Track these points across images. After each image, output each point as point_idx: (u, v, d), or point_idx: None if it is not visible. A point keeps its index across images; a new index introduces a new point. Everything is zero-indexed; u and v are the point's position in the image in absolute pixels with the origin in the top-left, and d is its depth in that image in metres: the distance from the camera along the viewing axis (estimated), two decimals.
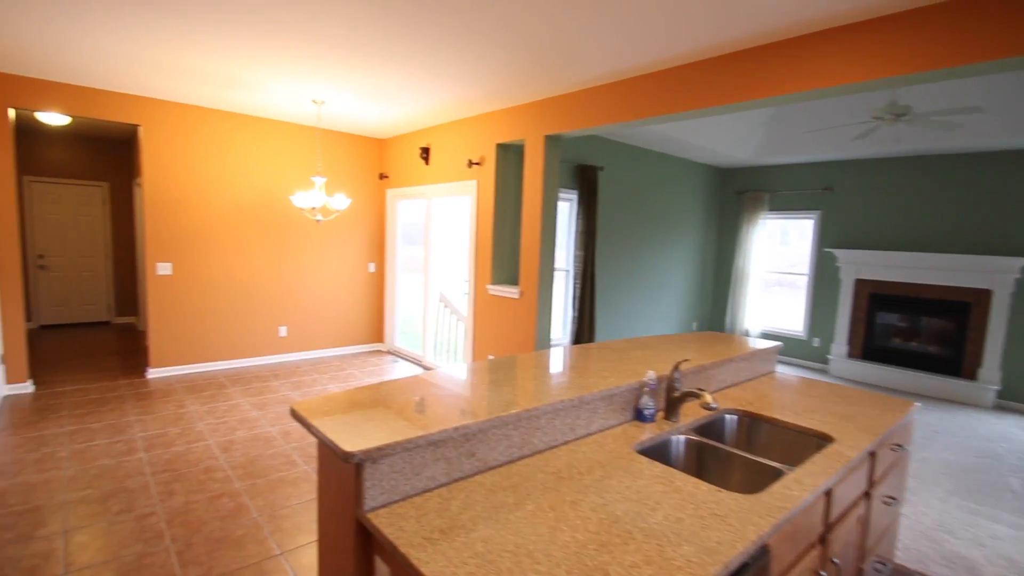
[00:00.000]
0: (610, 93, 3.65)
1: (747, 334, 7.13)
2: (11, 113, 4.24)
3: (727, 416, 2.15)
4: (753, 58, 2.93)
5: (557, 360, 2.22)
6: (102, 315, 7.57)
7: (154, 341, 5.01)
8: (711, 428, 2.07)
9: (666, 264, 6.80)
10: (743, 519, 1.29)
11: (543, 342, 4.29)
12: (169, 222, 4.98)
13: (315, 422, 1.42)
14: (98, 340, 6.56)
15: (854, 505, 1.81)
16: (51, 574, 2.26)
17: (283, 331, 5.75)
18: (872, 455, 1.90)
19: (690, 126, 5.10)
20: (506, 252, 4.76)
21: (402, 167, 5.90)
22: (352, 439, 1.31)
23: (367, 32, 3.00)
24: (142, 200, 4.97)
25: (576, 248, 5.18)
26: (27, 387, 4.47)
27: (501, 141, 4.51)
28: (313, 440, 3.71)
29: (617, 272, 5.89)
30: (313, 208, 4.77)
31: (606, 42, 3.00)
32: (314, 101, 4.55)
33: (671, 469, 1.56)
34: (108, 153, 7.36)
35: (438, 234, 5.59)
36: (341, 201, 4.78)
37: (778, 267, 7.19)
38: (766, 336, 7.10)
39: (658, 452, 1.84)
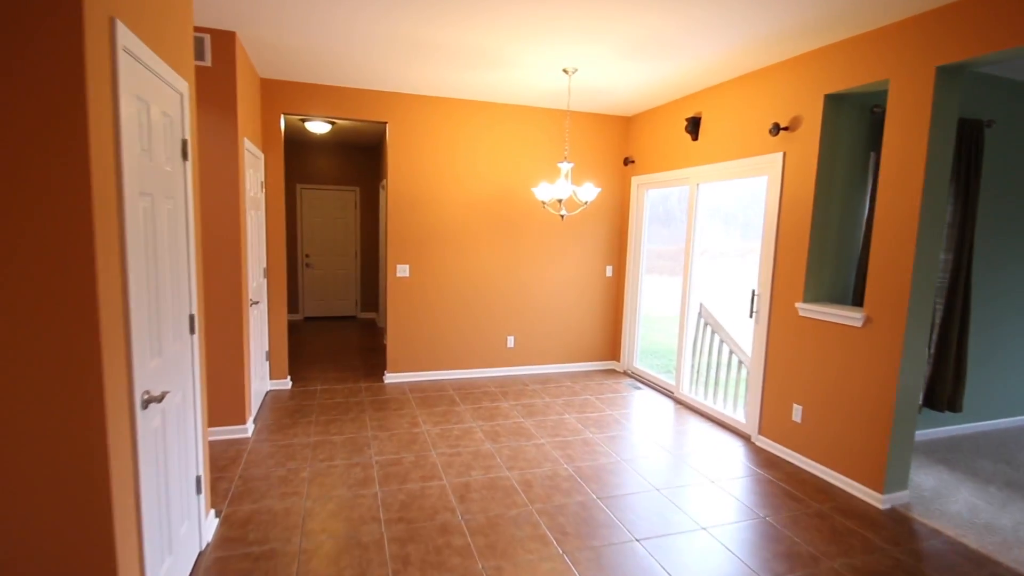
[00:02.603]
0: None
1: None
2: (282, 120, 4.35)
3: None
4: None
5: None
6: (350, 310, 8.18)
7: (391, 347, 4.83)
8: None
9: None
10: None
11: (908, 402, 2.70)
12: (408, 221, 4.73)
13: None
14: (345, 335, 6.95)
15: None
16: None
17: (511, 341, 5.15)
18: None
19: None
20: (829, 256, 3.26)
21: (655, 148, 4.77)
22: None
23: None
24: (386, 201, 4.82)
25: (941, 249, 3.34)
26: (286, 383, 4.61)
27: (834, 90, 3.02)
28: (563, 502, 2.85)
29: (996, 285, 3.76)
30: (558, 200, 3.95)
31: None
32: (565, 70, 3.72)
33: None
34: (360, 159, 7.87)
35: (703, 231, 4.31)
36: (589, 191, 3.86)
37: None
38: None
39: None
